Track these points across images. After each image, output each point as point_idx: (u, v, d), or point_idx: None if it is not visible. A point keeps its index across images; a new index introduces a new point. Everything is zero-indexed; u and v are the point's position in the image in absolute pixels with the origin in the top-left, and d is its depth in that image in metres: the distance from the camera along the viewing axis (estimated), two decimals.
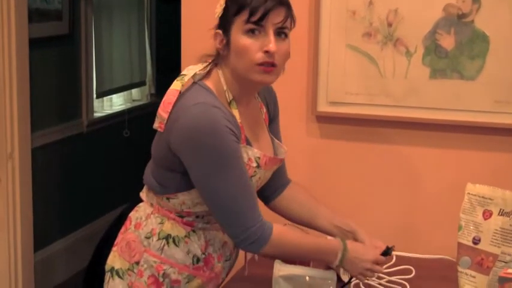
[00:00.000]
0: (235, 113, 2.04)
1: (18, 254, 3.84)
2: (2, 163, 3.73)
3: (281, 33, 2.02)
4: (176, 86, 2.03)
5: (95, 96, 5.06)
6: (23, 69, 3.76)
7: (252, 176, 2.07)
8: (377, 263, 2.17)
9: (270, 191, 2.33)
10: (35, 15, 4.22)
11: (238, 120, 2.04)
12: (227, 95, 2.05)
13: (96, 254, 3.85)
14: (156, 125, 2.03)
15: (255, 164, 2.07)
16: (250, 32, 1.98)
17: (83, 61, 4.85)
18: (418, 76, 2.70)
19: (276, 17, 1.99)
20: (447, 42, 2.67)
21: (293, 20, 2.05)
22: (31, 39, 3.90)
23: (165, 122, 2.00)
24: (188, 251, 2.12)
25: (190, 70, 2.07)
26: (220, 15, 2.03)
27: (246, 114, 2.10)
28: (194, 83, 2.04)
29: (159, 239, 2.12)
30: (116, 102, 5.57)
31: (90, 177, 4.97)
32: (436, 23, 2.67)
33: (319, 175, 2.85)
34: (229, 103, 2.05)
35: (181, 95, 2.01)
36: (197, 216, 2.12)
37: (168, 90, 2.04)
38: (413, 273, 2.33)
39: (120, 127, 5.37)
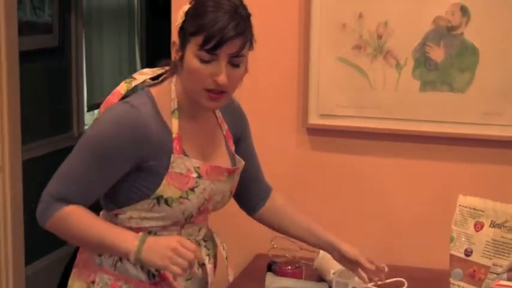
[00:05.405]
0: (174, 122, 1.98)
1: (10, 267, 3.82)
2: None
3: (234, 62, 1.92)
4: (121, 88, 2.02)
5: (85, 109, 5.05)
6: (13, 82, 3.75)
7: (194, 188, 2.00)
8: (182, 244, 1.90)
9: (253, 201, 2.30)
10: (25, 28, 4.21)
11: (175, 131, 1.98)
12: (172, 104, 2.00)
13: (64, 275, 3.81)
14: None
15: (195, 175, 1.99)
16: (202, 58, 1.89)
17: (73, 74, 4.85)
18: (408, 88, 2.71)
19: (231, 47, 1.89)
20: (437, 54, 2.68)
21: (251, 44, 1.95)
22: (21, 52, 3.89)
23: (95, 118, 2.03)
24: (141, 266, 2.02)
25: (142, 75, 2.04)
26: (179, 26, 1.94)
27: (192, 126, 2.04)
28: (141, 87, 2.01)
29: (111, 255, 2.04)
30: None
31: None
32: (425, 36, 2.68)
33: (309, 187, 2.85)
34: (172, 112, 2.00)
35: (123, 97, 2.00)
36: (149, 232, 2.02)
37: (114, 90, 2.02)
38: (406, 285, 2.33)
39: None
